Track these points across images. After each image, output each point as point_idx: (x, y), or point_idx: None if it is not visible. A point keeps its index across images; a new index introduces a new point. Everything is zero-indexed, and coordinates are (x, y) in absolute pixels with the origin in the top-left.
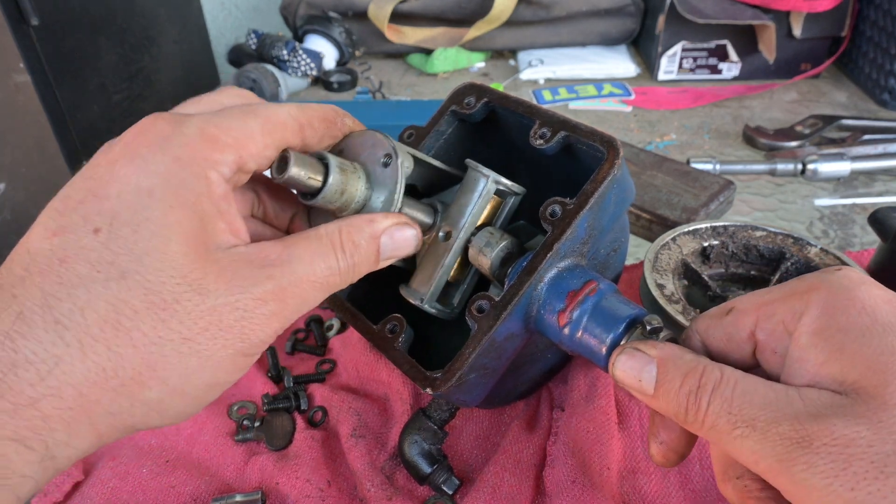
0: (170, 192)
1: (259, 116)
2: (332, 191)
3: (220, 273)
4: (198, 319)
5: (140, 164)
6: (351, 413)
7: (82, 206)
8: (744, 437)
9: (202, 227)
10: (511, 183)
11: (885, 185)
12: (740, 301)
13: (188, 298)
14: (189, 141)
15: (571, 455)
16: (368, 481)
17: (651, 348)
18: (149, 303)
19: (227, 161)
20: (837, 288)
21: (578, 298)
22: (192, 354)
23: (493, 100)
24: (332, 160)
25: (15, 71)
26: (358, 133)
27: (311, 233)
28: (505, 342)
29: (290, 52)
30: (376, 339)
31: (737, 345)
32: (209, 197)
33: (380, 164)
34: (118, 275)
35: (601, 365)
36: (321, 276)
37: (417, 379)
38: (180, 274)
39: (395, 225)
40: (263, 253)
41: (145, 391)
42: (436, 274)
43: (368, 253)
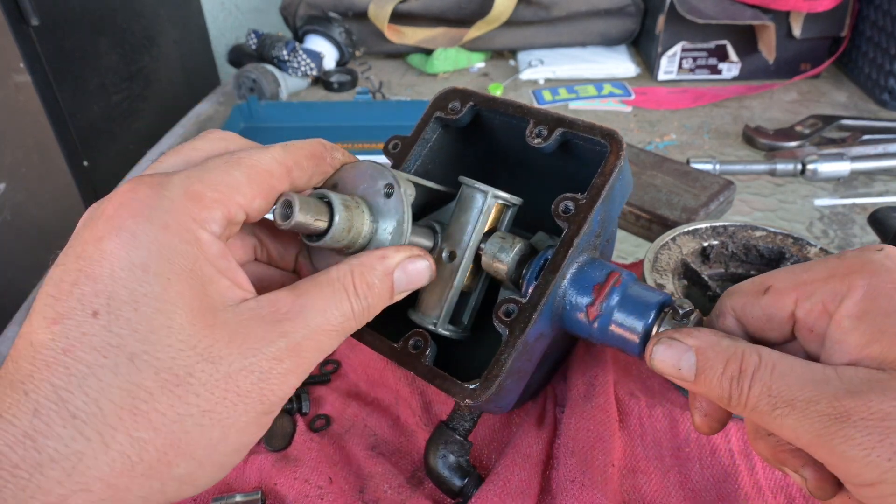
0: (164, 264)
1: (243, 166)
2: (339, 230)
3: (231, 337)
4: (214, 389)
5: (128, 239)
6: (366, 432)
7: (76, 289)
8: (784, 416)
9: (204, 292)
10: (509, 196)
11: (885, 185)
12: (777, 279)
13: (202, 369)
14: (174, 206)
15: (571, 454)
16: (386, 483)
17: (688, 336)
18: (162, 382)
19: (216, 218)
20: (880, 270)
21: (605, 291)
22: (214, 425)
23: (479, 103)
24: (335, 199)
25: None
26: (351, 166)
27: (321, 278)
28: (535, 343)
29: (290, 52)
30: (400, 357)
31: (776, 324)
32: (205, 258)
33: (381, 196)
34: (126, 358)
35: (635, 354)
36: (336, 324)
37: (454, 392)
38: (189, 346)
39: (408, 258)
40: (274, 306)
41: (173, 469)
42: (446, 296)
43: (382, 291)
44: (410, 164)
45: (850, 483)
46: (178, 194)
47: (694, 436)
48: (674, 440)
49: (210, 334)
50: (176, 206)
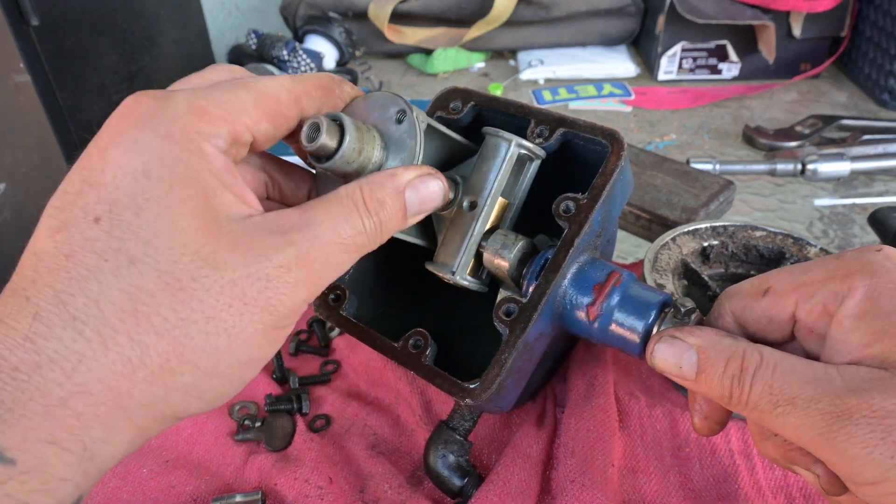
0: (167, 171)
1: (250, 89)
2: (349, 150)
3: (235, 245)
4: (219, 296)
5: (130, 146)
6: (366, 431)
7: (80, 198)
8: (786, 415)
9: (207, 202)
10: (533, 145)
11: (884, 185)
12: (777, 280)
13: (205, 275)
14: (177, 116)
15: (571, 455)
16: (386, 483)
17: (689, 335)
18: (164, 285)
19: (221, 133)
20: (880, 271)
21: (606, 290)
22: (220, 333)
23: (480, 102)
24: (346, 119)
25: (15, 71)
26: (363, 98)
27: (330, 196)
28: (536, 343)
29: (291, 52)
30: (400, 356)
31: (776, 325)
32: (209, 170)
33: (393, 123)
34: (127, 261)
35: (635, 353)
36: (347, 238)
37: (454, 392)
38: (192, 250)
39: (419, 177)
40: (281, 220)
41: (177, 377)
42: (465, 244)
43: (395, 209)
44: None
45: (852, 482)
46: (182, 107)
47: (694, 436)
48: (674, 440)
49: (213, 240)
50: (179, 118)
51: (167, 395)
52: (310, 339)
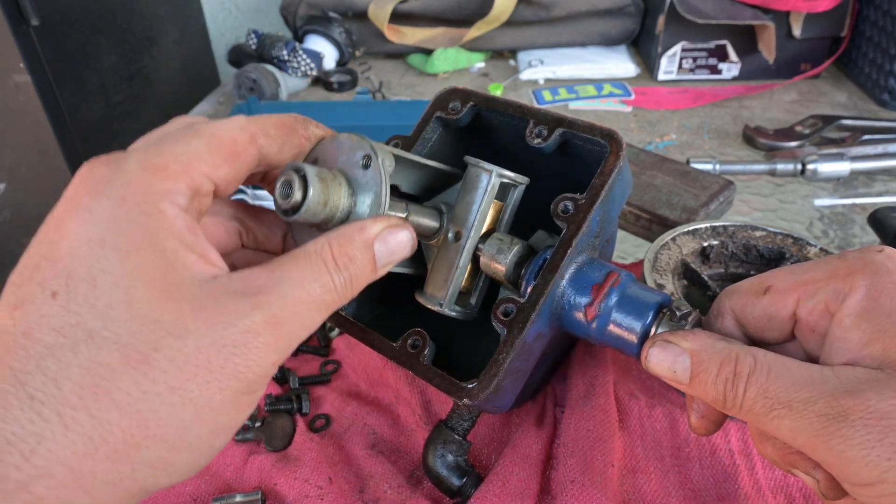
0: (122, 237)
1: (203, 135)
2: (314, 203)
3: (199, 310)
4: (183, 365)
5: (84, 216)
6: (366, 430)
7: (37, 273)
8: (781, 418)
9: (167, 266)
10: (514, 174)
11: (884, 185)
12: (777, 279)
13: (168, 344)
14: (131, 178)
15: (571, 455)
16: (386, 483)
17: (682, 339)
18: (124, 357)
19: (179, 189)
20: (881, 270)
21: (604, 291)
22: (186, 404)
23: (479, 103)
24: (309, 170)
25: (15, 71)
26: (330, 139)
27: (298, 252)
28: (534, 343)
29: (290, 52)
30: (399, 356)
31: (777, 324)
32: (169, 231)
33: (360, 168)
34: (85, 336)
35: (633, 354)
36: (317, 296)
37: (452, 391)
38: (152, 319)
39: (387, 228)
40: (247, 281)
41: (143, 451)
42: (451, 276)
43: (364, 263)
44: None
45: (849, 483)
46: (135, 168)
47: (694, 436)
48: (674, 440)
49: (176, 308)
50: (133, 179)
51: (133, 472)
52: (310, 340)
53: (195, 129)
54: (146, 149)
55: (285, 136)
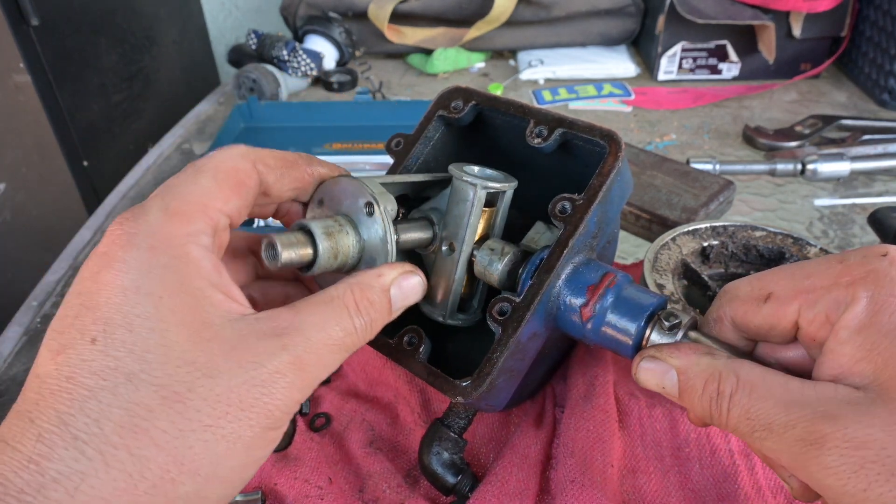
0: (155, 283)
1: (208, 171)
2: (325, 259)
3: (230, 351)
4: (216, 404)
5: (120, 267)
6: (364, 426)
7: (78, 321)
8: (763, 439)
9: (198, 307)
10: (500, 185)
11: (884, 185)
12: (778, 285)
13: (201, 384)
14: (156, 228)
15: (570, 455)
16: (385, 482)
17: (669, 356)
18: (161, 398)
19: (201, 229)
20: (884, 280)
21: (599, 292)
22: (219, 440)
23: (481, 102)
24: (315, 228)
25: (15, 71)
26: (333, 181)
27: (320, 297)
28: (529, 342)
29: (290, 52)
30: (395, 353)
31: (779, 332)
32: (197, 273)
33: (364, 214)
34: (125, 379)
35: (627, 355)
36: (338, 339)
37: (446, 389)
38: (187, 361)
39: (402, 274)
40: (273, 322)
41: (178, 487)
42: (450, 289)
43: (382, 308)
44: (412, 161)
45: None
46: (157, 216)
47: (694, 436)
48: (674, 440)
49: (208, 349)
50: (158, 229)
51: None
52: None
53: (199, 168)
54: (163, 197)
55: (285, 169)
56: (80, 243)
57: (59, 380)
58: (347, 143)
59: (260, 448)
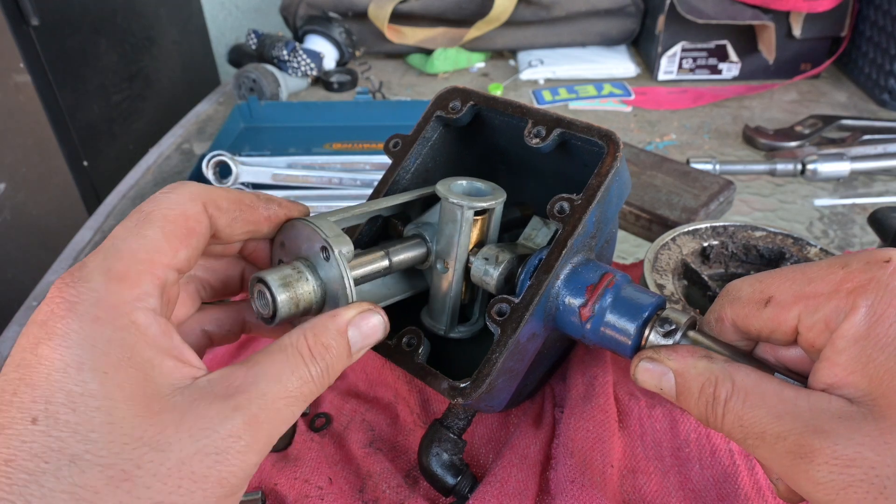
0: (99, 358)
1: (154, 221)
2: (286, 308)
3: (180, 421)
4: (166, 479)
5: (60, 341)
6: (364, 426)
7: (16, 398)
8: (755, 448)
9: (146, 379)
10: (486, 203)
11: (884, 185)
12: (779, 289)
13: (150, 459)
14: (99, 296)
15: (570, 455)
16: (384, 483)
17: (666, 358)
18: (108, 478)
19: (147, 291)
20: (884, 290)
21: (598, 292)
22: None
23: (479, 102)
24: (271, 280)
25: (15, 71)
26: (290, 224)
27: (273, 347)
28: (528, 343)
29: (290, 52)
30: (394, 354)
31: (779, 335)
32: (144, 342)
33: (321, 258)
34: (68, 461)
35: (626, 355)
36: (294, 390)
37: (444, 390)
38: (134, 437)
39: (359, 314)
40: (226, 381)
41: None
42: (447, 305)
43: (340, 351)
44: (410, 162)
45: None
46: (100, 282)
47: (694, 436)
48: (674, 441)
49: (157, 421)
50: (102, 296)
51: None
52: None
53: (145, 217)
54: (103, 257)
55: (238, 212)
56: (80, 243)
57: None
58: (347, 143)
59: None
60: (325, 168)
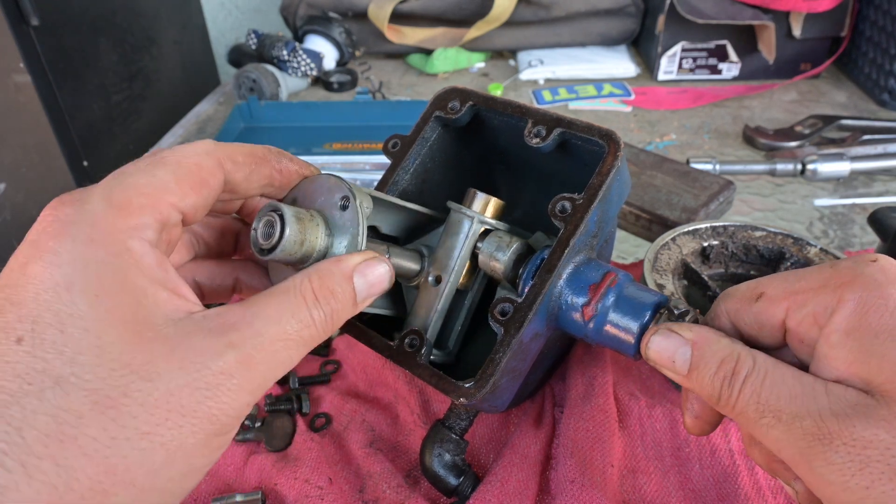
0: (91, 280)
1: (168, 164)
2: (290, 242)
3: (171, 352)
4: (154, 410)
5: (50, 259)
6: (364, 426)
7: (1, 318)
8: (769, 427)
9: (138, 306)
10: (495, 221)
11: (884, 185)
12: (770, 286)
13: (138, 388)
14: (97, 218)
15: (570, 455)
16: (385, 483)
17: (686, 330)
18: (92, 404)
19: (147, 223)
20: (871, 284)
21: (601, 291)
22: (156, 448)
23: (478, 102)
24: (286, 210)
25: (15, 71)
26: (310, 179)
27: (275, 289)
28: (531, 343)
29: (290, 52)
30: (396, 355)
31: (768, 331)
32: (139, 270)
33: (338, 209)
34: (52, 383)
35: (629, 354)
36: (294, 332)
37: (449, 391)
38: (122, 364)
39: (366, 262)
40: (221, 318)
41: (110, 498)
42: (430, 319)
43: (345, 297)
44: (410, 162)
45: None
46: (100, 206)
47: (694, 436)
48: (674, 440)
49: (147, 350)
50: (99, 219)
51: None
52: None
53: (160, 159)
54: (109, 185)
55: (254, 165)
56: None
57: None
58: (347, 143)
59: (204, 456)
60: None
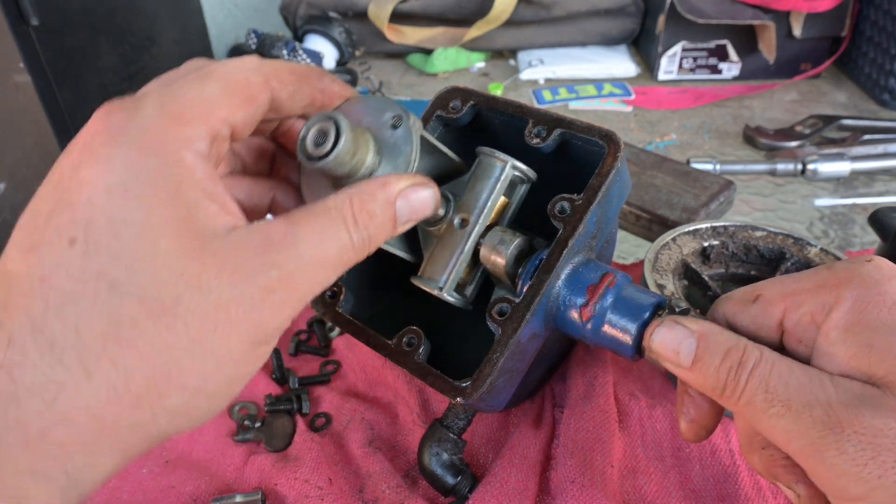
0: (145, 188)
1: (219, 78)
2: (344, 151)
3: (221, 266)
4: (204, 319)
5: (103, 165)
6: (364, 425)
7: (53, 219)
8: (779, 417)
9: (191, 217)
10: (526, 167)
11: (885, 185)
12: (767, 288)
13: (190, 298)
14: (149, 125)
15: (570, 455)
16: (384, 483)
17: (692, 322)
18: (147, 310)
19: (199, 135)
20: (868, 282)
21: (599, 292)
22: (206, 354)
23: (479, 102)
24: (342, 119)
25: (15, 71)
26: (355, 100)
27: (317, 207)
28: (528, 343)
29: (290, 52)
30: (394, 353)
31: (765, 332)
32: (191, 181)
33: (388, 128)
34: (107, 286)
35: (627, 356)
36: (333, 255)
37: (446, 390)
38: (176, 273)
39: (412, 186)
40: (266, 234)
41: (164, 400)
42: (453, 261)
43: (384, 220)
44: None
45: (835, 496)
46: (153, 114)
47: None
48: (674, 441)
49: (199, 261)
50: (151, 127)
51: (154, 418)
52: (310, 340)
53: (209, 72)
54: (161, 94)
55: (298, 83)
56: None
57: (30, 280)
58: None
59: (249, 363)
60: None
